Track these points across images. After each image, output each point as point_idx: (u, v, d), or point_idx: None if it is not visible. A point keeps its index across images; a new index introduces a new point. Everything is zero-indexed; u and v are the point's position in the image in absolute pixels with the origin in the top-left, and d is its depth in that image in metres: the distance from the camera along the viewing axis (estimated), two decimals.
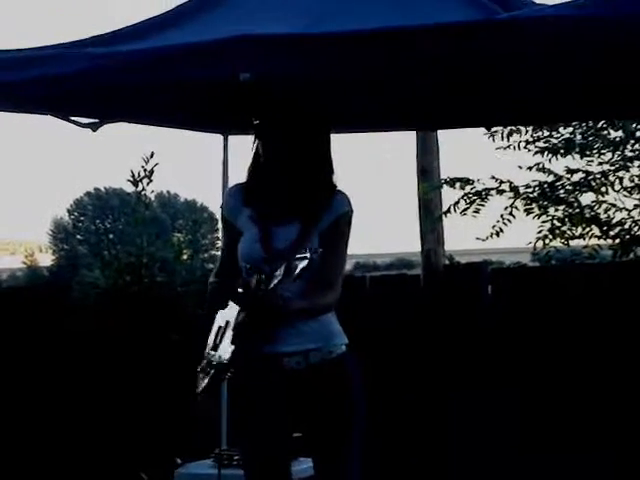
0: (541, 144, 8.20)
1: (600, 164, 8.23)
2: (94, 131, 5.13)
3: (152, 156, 7.49)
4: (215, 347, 3.57)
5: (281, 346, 3.58)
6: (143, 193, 7.57)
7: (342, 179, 3.70)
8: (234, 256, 3.69)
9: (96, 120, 5.13)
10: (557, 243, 8.26)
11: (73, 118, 5.03)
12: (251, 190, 3.71)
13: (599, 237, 8.17)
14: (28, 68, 3.95)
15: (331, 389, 3.63)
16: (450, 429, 6.25)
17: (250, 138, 3.75)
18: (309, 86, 3.93)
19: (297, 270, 3.33)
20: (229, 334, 3.51)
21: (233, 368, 3.49)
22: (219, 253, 3.90)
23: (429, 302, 6.52)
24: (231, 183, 4.21)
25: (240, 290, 3.51)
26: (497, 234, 8.16)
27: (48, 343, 6.74)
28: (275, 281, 3.38)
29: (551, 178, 8.27)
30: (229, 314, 3.56)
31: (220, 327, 3.59)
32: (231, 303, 3.55)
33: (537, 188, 8.18)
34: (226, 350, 3.50)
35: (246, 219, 3.68)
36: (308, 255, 3.34)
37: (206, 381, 3.57)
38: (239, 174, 3.84)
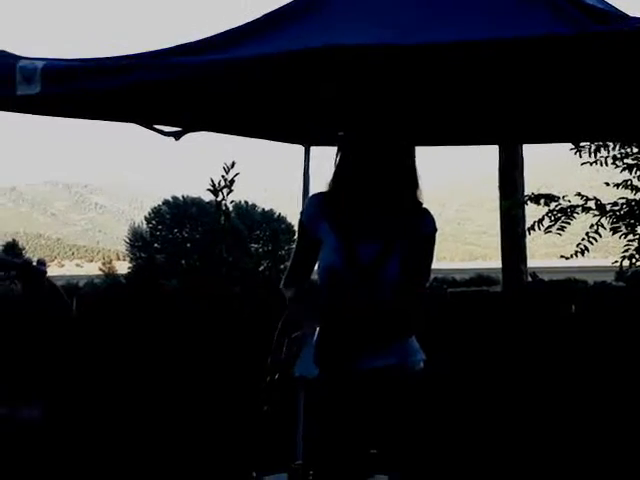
0: (629, 161, 8.02)
1: None
2: (177, 140, 5.13)
3: (233, 166, 7.48)
4: (288, 359, 3.51)
5: (367, 362, 3.53)
6: (223, 203, 7.56)
7: (425, 193, 3.62)
8: (309, 263, 3.63)
9: (179, 129, 5.14)
10: None
11: (157, 126, 5.03)
12: (333, 202, 3.59)
13: None
14: (113, 77, 3.93)
15: (408, 404, 3.57)
16: (530, 444, 6.13)
17: (332, 150, 3.68)
18: (395, 98, 3.86)
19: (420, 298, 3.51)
20: (310, 348, 3.45)
21: (316, 383, 3.44)
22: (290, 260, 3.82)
23: (511, 319, 6.41)
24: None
25: (349, 309, 3.48)
26: (582, 252, 7.99)
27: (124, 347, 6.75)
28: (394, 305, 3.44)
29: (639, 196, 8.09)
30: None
31: (292, 339, 3.54)
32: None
33: (624, 206, 8.00)
34: (306, 365, 3.44)
35: (327, 230, 3.57)
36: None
37: (279, 394, 3.52)
38: (320, 186, 3.77)
